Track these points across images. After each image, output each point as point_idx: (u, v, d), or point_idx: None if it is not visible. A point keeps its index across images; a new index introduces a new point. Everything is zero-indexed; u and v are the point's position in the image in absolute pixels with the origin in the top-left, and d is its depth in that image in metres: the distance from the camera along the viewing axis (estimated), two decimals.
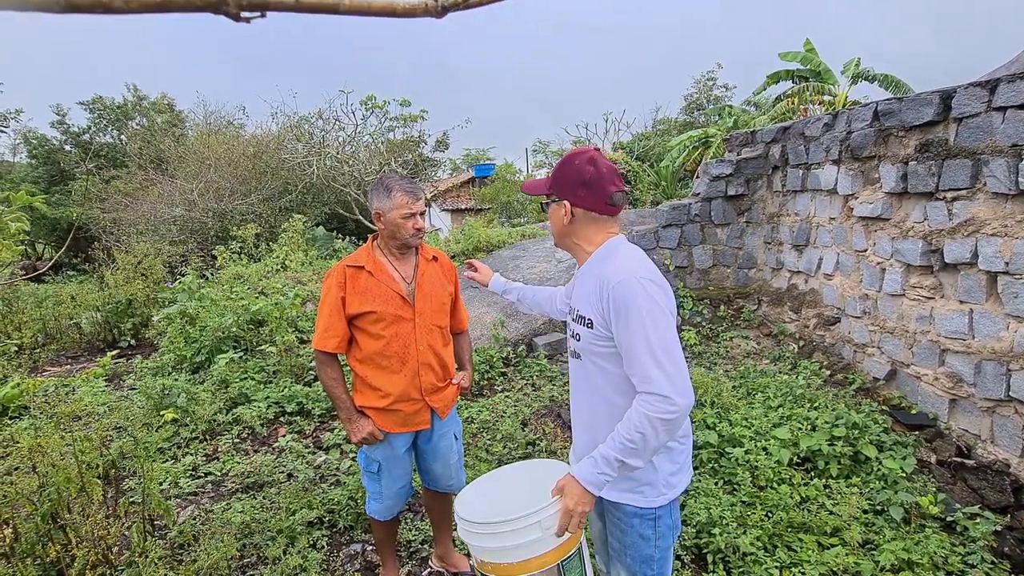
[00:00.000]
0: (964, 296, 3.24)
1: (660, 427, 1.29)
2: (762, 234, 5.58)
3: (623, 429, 1.31)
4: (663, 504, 1.45)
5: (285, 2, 0.48)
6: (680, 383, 1.30)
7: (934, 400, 3.47)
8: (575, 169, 1.48)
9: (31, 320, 6.23)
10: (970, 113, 3.16)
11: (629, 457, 1.31)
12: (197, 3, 0.46)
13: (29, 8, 0.41)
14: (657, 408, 1.28)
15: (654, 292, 1.36)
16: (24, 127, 16.09)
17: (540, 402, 3.90)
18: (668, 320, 1.36)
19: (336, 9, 0.49)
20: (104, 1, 0.42)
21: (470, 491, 1.65)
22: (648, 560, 1.48)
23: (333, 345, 2.04)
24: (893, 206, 3.78)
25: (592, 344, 1.45)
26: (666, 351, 1.31)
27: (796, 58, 12.37)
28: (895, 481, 2.84)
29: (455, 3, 0.51)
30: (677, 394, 1.29)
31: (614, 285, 1.36)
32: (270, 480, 3.09)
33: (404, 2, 0.51)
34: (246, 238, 9.09)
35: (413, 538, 2.68)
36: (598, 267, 1.46)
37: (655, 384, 1.29)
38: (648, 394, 1.31)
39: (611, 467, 1.32)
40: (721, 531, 2.47)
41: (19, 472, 2.32)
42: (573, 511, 1.33)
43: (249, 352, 4.86)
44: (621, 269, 1.39)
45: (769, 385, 3.84)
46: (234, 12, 0.47)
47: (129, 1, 0.43)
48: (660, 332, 1.32)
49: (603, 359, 1.45)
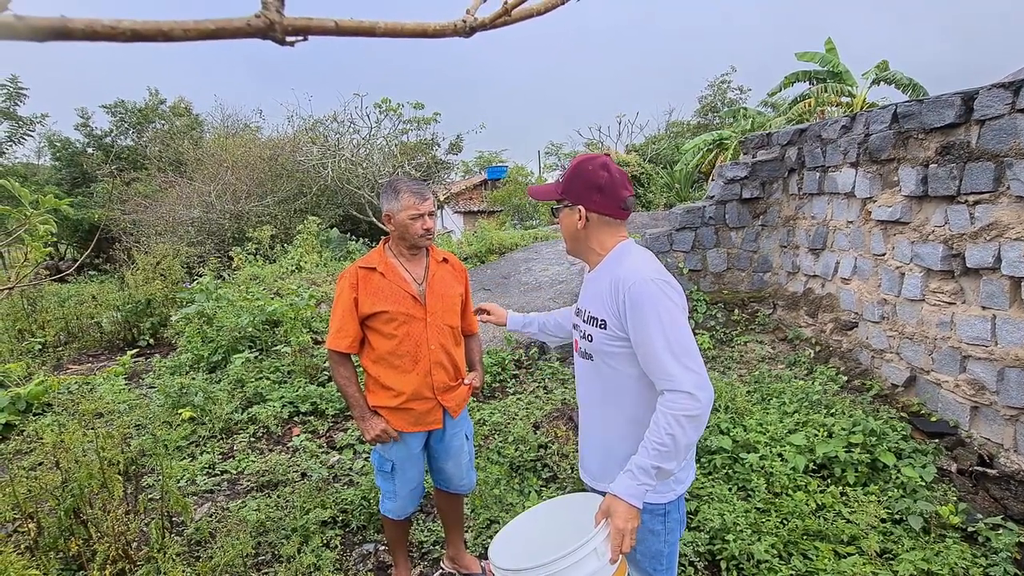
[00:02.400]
0: (986, 301, 3.17)
1: (688, 425, 1.29)
2: (778, 237, 5.51)
3: (653, 435, 1.31)
4: (672, 499, 1.48)
5: (326, 27, 0.52)
6: (700, 378, 1.32)
7: (955, 407, 3.40)
8: (589, 174, 1.49)
9: (54, 319, 6.37)
10: (993, 115, 3.10)
11: (664, 461, 1.31)
12: (248, 30, 0.50)
13: (98, 38, 0.44)
14: (682, 406, 1.30)
15: (668, 292, 1.38)
16: (49, 130, 16.50)
17: (552, 405, 3.89)
18: (684, 318, 1.39)
19: (373, 32, 0.52)
20: (165, 30, 0.46)
21: (500, 542, 1.53)
22: (658, 555, 1.50)
23: (346, 345, 2.07)
24: (913, 209, 3.72)
25: (606, 345, 1.46)
26: (685, 348, 1.33)
27: (814, 59, 12.22)
28: (914, 490, 2.79)
29: (482, 23, 0.53)
30: (699, 389, 1.31)
31: (630, 286, 1.38)
32: (284, 479, 3.13)
33: (435, 24, 0.53)
34: (262, 239, 9.22)
35: (425, 539, 2.69)
36: (611, 269, 1.48)
37: (677, 381, 1.31)
38: (671, 392, 1.32)
39: (649, 476, 1.31)
40: (735, 538, 2.44)
41: (43, 468, 2.37)
42: (624, 530, 1.30)
43: (264, 352, 4.93)
44: (634, 271, 1.41)
45: (785, 390, 3.80)
46: (280, 37, 0.51)
47: (188, 30, 0.46)
48: (678, 330, 1.35)
49: (616, 360, 1.46)
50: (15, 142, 14.67)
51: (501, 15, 0.51)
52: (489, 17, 0.51)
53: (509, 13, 0.51)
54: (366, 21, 0.51)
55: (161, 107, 17.95)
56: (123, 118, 17.29)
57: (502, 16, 0.51)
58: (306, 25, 0.51)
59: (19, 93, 13.66)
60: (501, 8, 0.52)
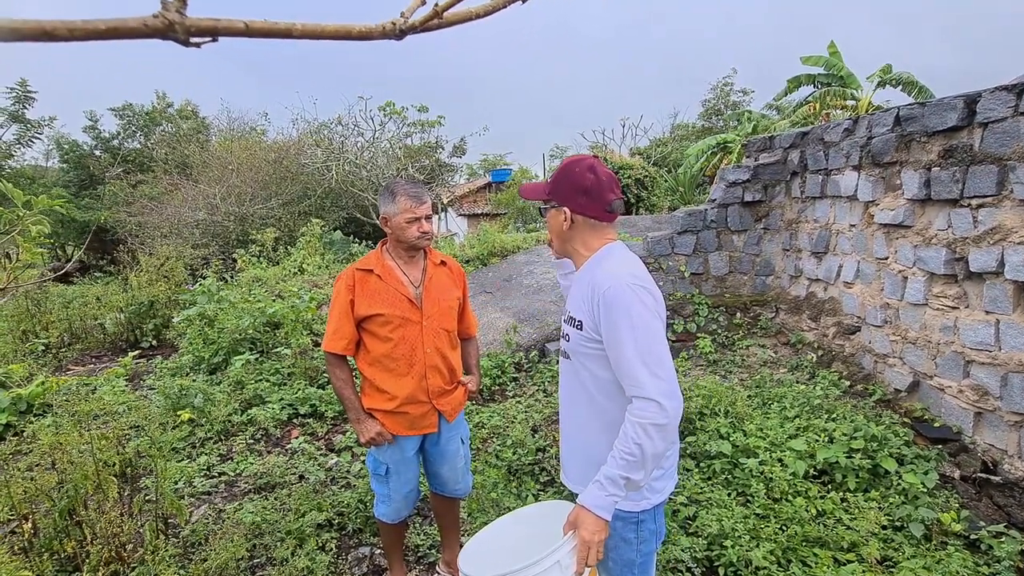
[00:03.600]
0: (990, 306, 3.14)
1: (655, 434, 1.28)
2: (780, 241, 5.48)
3: (620, 445, 1.30)
4: (647, 508, 1.46)
5: (235, 27, 0.48)
6: (668, 387, 1.30)
7: (958, 413, 3.36)
8: (575, 176, 1.49)
9: (58, 320, 6.41)
10: (996, 118, 3.07)
11: (632, 472, 1.29)
12: (145, 31, 0.46)
13: None
14: (649, 415, 1.28)
15: (644, 297, 1.37)
16: (57, 133, 16.65)
17: (551, 408, 3.88)
18: (657, 325, 1.37)
19: (289, 34, 0.49)
20: (48, 29, 0.42)
21: (471, 547, 1.55)
22: (630, 564, 1.48)
23: (341, 347, 2.06)
24: (915, 213, 3.69)
25: (581, 345, 1.46)
26: (656, 356, 1.32)
27: (819, 62, 12.17)
28: (916, 496, 2.75)
29: (412, 26, 0.51)
30: (666, 397, 1.29)
31: (605, 290, 1.37)
32: (282, 481, 3.12)
33: (360, 26, 0.51)
34: (265, 242, 9.26)
35: (421, 542, 2.68)
36: (592, 271, 1.48)
37: (645, 388, 1.30)
38: (638, 399, 1.31)
39: (617, 487, 1.30)
40: (733, 543, 2.42)
41: (40, 469, 2.38)
42: (590, 542, 1.29)
43: (265, 354, 4.94)
44: (612, 274, 1.40)
45: (786, 395, 3.76)
46: (182, 38, 0.48)
47: (74, 30, 0.43)
48: (649, 337, 1.33)
49: (590, 360, 1.45)
50: (24, 145, 14.83)
51: (432, 17, 0.50)
52: (420, 20, 0.50)
53: (440, 16, 0.50)
54: (282, 23, 0.48)
55: (168, 110, 18.10)
56: (131, 121, 17.44)
57: (433, 19, 0.50)
58: (212, 27, 0.48)
59: (27, 96, 13.82)
60: (431, 11, 0.50)
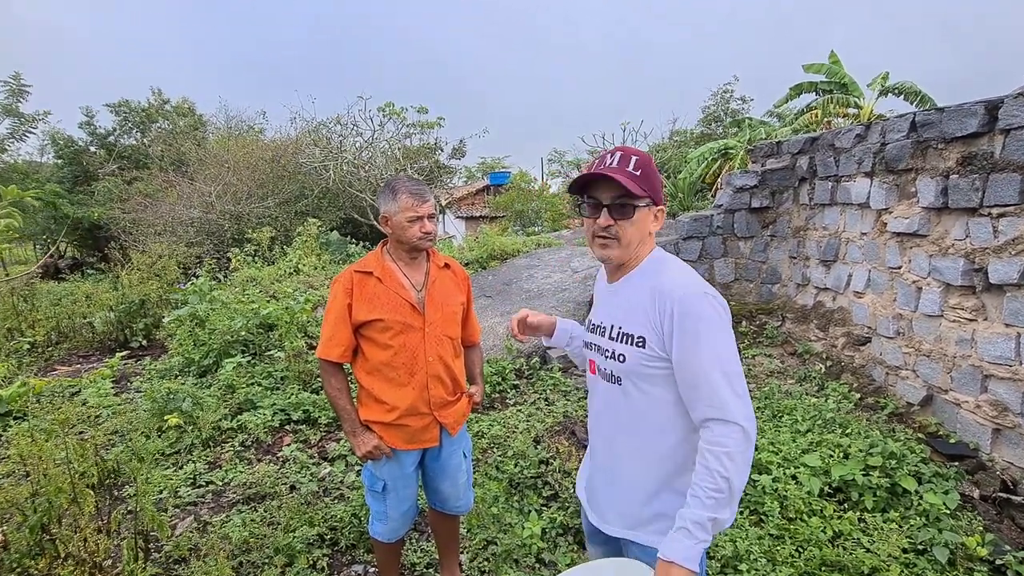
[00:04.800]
0: (1011, 319, 3.03)
1: (742, 463, 1.15)
2: (787, 248, 5.38)
3: (705, 482, 1.15)
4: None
5: None
6: (750, 409, 1.19)
7: (975, 429, 3.24)
8: (657, 172, 1.33)
9: (45, 318, 6.23)
10: (1019, 124, 2.97)
11: (720, 511, 1.14)
12: None
13: None
14: (735, 441, 1.15)
15: (719, 308, 1.24)
16: (52, 128, 16.43)
17: (554, 418, 3.74)
18: (733, 339, 1.25)
19: None
20: None
21: None
22: None
23: (337, 354, 1.93)
24: (931, 222, 3.59)
25: (643, 366, 1.28)
26: (738, 375, 1.20)
27: (821, 70, 12.14)
28: (938, 518, 2.63)
29: None
30: (749, 421, 1.17)
31: (678, 299, 1.22)
32: (272, 492, 2.97)
33: None
34: (261, 241, 9.09)
35: (418, 560, 2.53)
36: (648, 279, 1.32)
37: (729, 410, 1.16)
38: (719, 423, 1.17)
39: (706, 531, 1.14)
40: (749, 567, 2.29)
41: (12, 479, 2.23)
42: None
43: (257, 357, 4.78)
44: (682, 283, 1.25)
45: (796, 407, 3.64)
46: None
47: None
48: (731, 354, 1.21)
49: (651, 383, 1.29)
50: (18, 139, 14.61)
51: None
52: None
53: None
54: None
55: (165, 107, 17.91)
56: (127, 117, 17.24)
57: None
58: None
59: (21, 90, 13.62)
60: None
